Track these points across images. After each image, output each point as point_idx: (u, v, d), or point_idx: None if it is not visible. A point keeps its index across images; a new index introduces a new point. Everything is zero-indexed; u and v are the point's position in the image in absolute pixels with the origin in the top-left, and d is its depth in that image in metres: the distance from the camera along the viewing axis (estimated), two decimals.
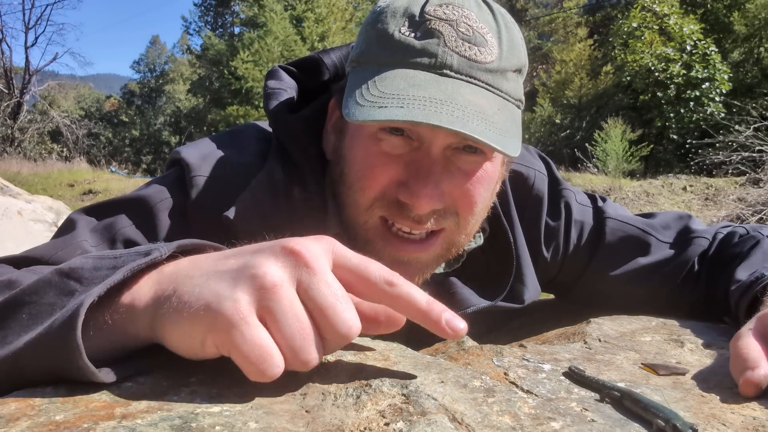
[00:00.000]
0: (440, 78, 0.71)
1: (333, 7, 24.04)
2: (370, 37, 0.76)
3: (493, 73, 0.73)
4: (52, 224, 4.51)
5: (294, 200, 0.80)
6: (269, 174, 0.80)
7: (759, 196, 8.29)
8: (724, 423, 0.46)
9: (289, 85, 0.89)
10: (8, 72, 23.38)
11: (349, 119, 0.69)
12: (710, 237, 0.95)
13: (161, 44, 43.19)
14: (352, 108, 0.70)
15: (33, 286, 0.51)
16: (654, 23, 16.67)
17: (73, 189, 13.52)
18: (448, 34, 0.72)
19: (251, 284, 0.44)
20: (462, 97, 0.69)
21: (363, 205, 0.76)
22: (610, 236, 0.96)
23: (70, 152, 22.59)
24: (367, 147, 0.75)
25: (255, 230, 0.76)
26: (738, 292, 0.79)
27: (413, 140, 0.73)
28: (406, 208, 0.74)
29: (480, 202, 0.78)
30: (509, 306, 0.89)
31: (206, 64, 27.89)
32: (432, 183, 0.72)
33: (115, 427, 0.39)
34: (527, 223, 0.93)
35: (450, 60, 0.71)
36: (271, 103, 0.85)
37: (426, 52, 0.71)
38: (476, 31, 0.73)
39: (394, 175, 0.74)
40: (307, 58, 0.92)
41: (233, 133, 0.91)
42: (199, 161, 0.81)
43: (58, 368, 0.45)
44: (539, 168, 0.96)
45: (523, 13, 28.83)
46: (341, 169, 0.79)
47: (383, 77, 0.71)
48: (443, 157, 0.74)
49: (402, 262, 0.77)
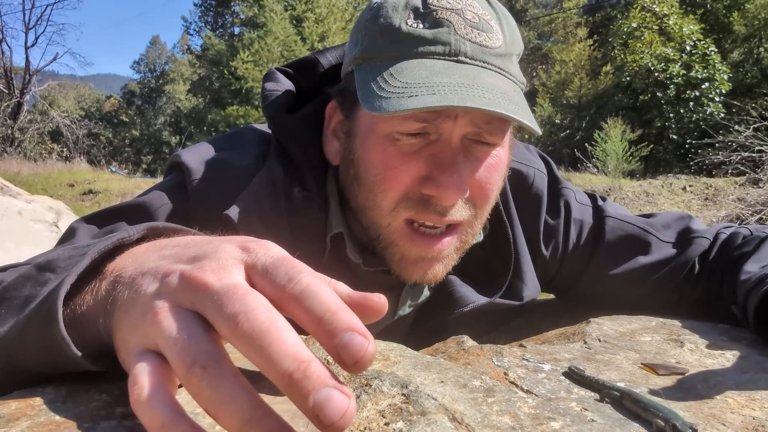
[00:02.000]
0: (458, 65, 0.71)
1: (333, 7, 24.04)
2: (372, 33, 0.75)
3: (502, 57, 0.74)
4: (52, 224, 4.51)
5: (294, 199, 0.80)
6: (269, 173, 0.80)
7: (759, 196, 8.28)
8: (723, 423, 0.46)
9: (286, 86, 0.89)
10: (8, 72, 23.38)
11: (377, 113, 0.68)
12: (711, 237, 0.95)
13: (161, 44, 43.20)
14: (375, 101, 0.69)
15: (13, 282, 0.51)
16: (654, 23, 16.69)
17: (74, 189, 13.51)
18: (457, 23, 0.72)
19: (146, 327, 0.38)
20: (483, 80, 0.70)
21: (386, 207, 0.76)
22: (609, 235, 0.96)
23: (70, 152, 22.59)
24: (384, 148, 0.75)
25: (255, 229, 0.76)
26: (749, 284, 0.78)
27: (430, 135, 0.74)
28: (431, 202, 0.74)
29: (495, 190, 0.80)
30: (508, 303, 0.89)
31: (206, 65, 27.89)
32: (457, 173, 0.72)
33: (115, 427, 0.39)
34: (526, 221, 0.93)
35: (464, 47, 0.72)
36: (268, 105, 0.86)
37: (439, 41, 0.72)
38: (482, 18, 0.74)
39: (415, 171, 0.74)
40: (303, 59, 0.92)
41: (232, 136, 0.91)
42: (198, 164, 0.81)
43: (49, 361, 0.45)
44: (539, 167, 0.97)
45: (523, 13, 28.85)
46: (355, 173, 0.79)
47: (399, 68, 0.71)
48: (462, 147, 0.75)
49: (427, 258, 0.78)
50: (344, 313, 0.34)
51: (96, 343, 0.45)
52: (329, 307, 0.34)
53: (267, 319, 0.34)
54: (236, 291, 0.36)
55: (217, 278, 0.37)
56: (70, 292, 0.45)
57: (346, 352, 0.33)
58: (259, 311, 0.34)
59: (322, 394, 0.31)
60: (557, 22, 25.80)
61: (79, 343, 0.44)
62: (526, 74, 0.98)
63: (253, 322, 0.33)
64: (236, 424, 0.31)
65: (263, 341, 0.33)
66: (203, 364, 0.33)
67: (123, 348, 0.40)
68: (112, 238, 0.48)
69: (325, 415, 0.30)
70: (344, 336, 0.33)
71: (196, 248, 0.42)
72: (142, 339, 0.37)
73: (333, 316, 0.34)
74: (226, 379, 0.32)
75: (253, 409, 0.32)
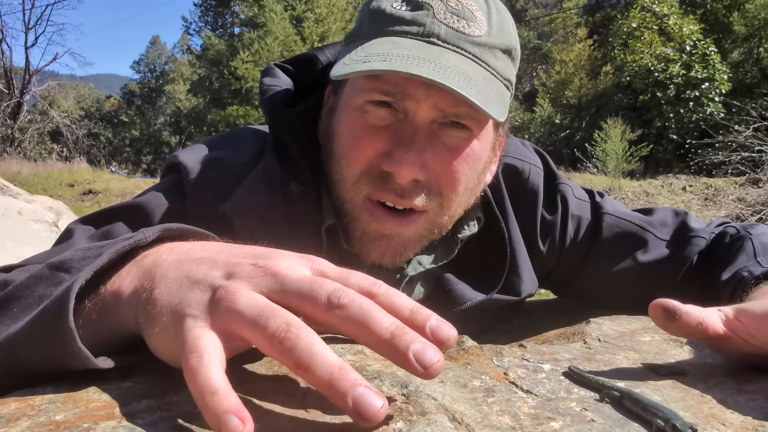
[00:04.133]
0: (427, 45, 0.73)
1: (333, 8, 24.03)
2: (363, 17, 0.79)
3: (480, 47, 0.75)
4: (52, 224, 4.51)
5: (290, 193, 0.80)
6: (266, 167, 0.81)
7: (758, 196, 8.29)
8: (723, 423, 0.46)
9: (284, 82, 0.90)
10: (8, 72, 23.36)
11: (332, 76, 0.72)
12: (708, 237, 0.95)
13: (161, 44, 43.18)
14: (337, 68, 0.73)
15: (25, 282, 0.52)
16: (653, 23, 16.68)
17: (73, 189, 13.50)
18: (437, 7, 0.74)
19: (218, 307, 0.42)
20: (446, 59, 0.71)
21: (350, 180, 0.78)
22: (607, 232, 0.95)
23: (70, 152, 22.57)
24: (354, 119, 0.77)
25: (251, 223, 0.78)
26: (726, 294, 0.80)
27: (399, 112, 0.75)
28: (389, 179, 0.75)
29: (464, 180, 0.79)
30: (506, 299, 0.89)
31: (206, 65, 27.88)
32: (414, 150, 0.73)
33: (115, 427, 0.39)
34: (523, 216, 0.93)
35: (438, 29, 0.73)
36: (267, 99, 0.87)
37: (415, 22, 0.74)
38: (465, 7, 0.75)
39: (379, 146, 0.75)
40: (301, 55, 0.93)
41: (229, 136, 0.92)
42: (196, 164, 0.82)
43: (53, 356, 0.45)
44: (534, 162, 0.96)
45: (523, 13, 28.84)
46: (331, 147, 0.81)
47: (371, 43, 0.74)
48: (428, 129, 0.75)
49: (385, 235, 0.78)
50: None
51: (110, 338, 0.48)
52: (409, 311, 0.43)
53: (360, 297, 0.42)
54: (315, 278, 0.43)
55: (293, 270, 0.44)
56: (84, 293, 0.46)
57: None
58: (350, 290, 0.42)
59: (418, 346, 0.39)
60: (557, 22, 25.78)
61: (89, 340, 0.45)
62: (526, 74, 0.97)
63: (352, 296, 0.41)
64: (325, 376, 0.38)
65: (368, 313, 0.40)
66: (296, 326, 0.39)
67: (171, 328, 0.42)
68: (129, 239, 0.49)
69: (423, 361, 0.39)
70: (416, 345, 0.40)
71: (249, 248, 0.47)
72: (203, 316, 0.42)
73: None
74: (315, 339, 0.39)
75: (338, 368, 0.38)
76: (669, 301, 0.55)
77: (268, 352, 0.40)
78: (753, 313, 0.56)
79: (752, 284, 0.74)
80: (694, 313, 0.54)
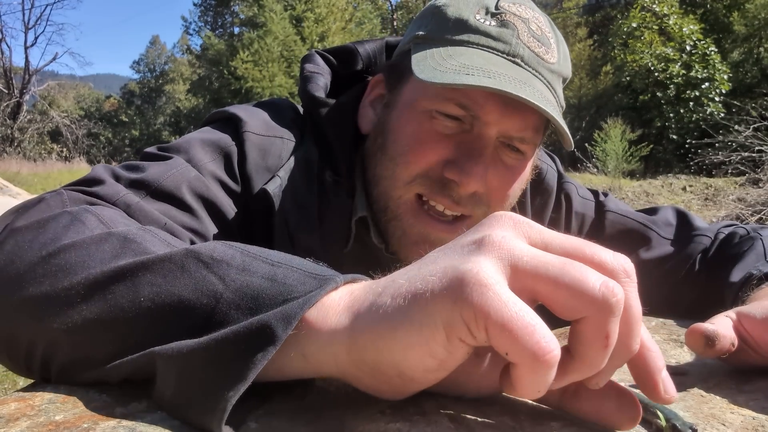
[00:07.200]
0: (514, 65, 0.74)
1: (333, 7, 24.06)
2: (440, 19, 0.79)
3: (553, 74, 0.78)
4: None
5: (325, 183, 0.82)
6: (306, 154, 0.83)
7: (758, 196, 8.29)
8: (723, 423, 0.46)
9: (324, 70, 0.92)
10: (8, 72, 23.38)
11: (430, 81, 0.70)
12: (712, 236, 0.95)
13: (161, 44, 43.27)
14: (429, 72, 0.71)
15: (159, 267, 0.44)
16: (654, 23, 16.70)
17: None
18: (521, 29, 0.76)
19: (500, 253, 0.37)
20: (534, 84, 0.73)
21: (403, 179, 0.78)
22: (610, 229, 0.97)
23: (69, 152, 22.58)
24: (420, 122, 0.77)
25: (287, 207, 0.79)
26: (731, 294, 0.79)
27: (465, 124, 0.76)
28: (449, 186, 0.76)
29: (512, 198, 0.82)
30: None
31: (206, 64, 27.92)
32: (483, 164, 0.75)
33: (115, 427, 0.39)
34: (536, 214, 0.96)
35: (522, 51, 0.75)
36: (309, 86, 0.88)
37: (501, 39, 0.75)
38: (544, 33, 0.77)
39: (443, 153, 0.76)
40: (342, 46, 0.95)
41: (271, 105, 0.92)
42: (248, 118, 0.83)
43: (189, 398, 0.39)
44: (549, 163, 1.00)
45: None
46: (382, 142, 0.81)
47: (458, 52, 0.74)
48: (494, 145, 0.77)
49: (428, 240, 0.79)
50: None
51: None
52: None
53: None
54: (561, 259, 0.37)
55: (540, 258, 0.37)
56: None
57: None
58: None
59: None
60: (557, 22, 25.80)
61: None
62: None
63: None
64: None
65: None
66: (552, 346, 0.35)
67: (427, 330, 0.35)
68: (330, 283, 0.40)
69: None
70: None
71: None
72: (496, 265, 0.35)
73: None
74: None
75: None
76: (708, 327, 0.53)
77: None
78: (753, 318, 0.56)
79: (754, 284, 0.74)
80: (728, 334, 0.53)
